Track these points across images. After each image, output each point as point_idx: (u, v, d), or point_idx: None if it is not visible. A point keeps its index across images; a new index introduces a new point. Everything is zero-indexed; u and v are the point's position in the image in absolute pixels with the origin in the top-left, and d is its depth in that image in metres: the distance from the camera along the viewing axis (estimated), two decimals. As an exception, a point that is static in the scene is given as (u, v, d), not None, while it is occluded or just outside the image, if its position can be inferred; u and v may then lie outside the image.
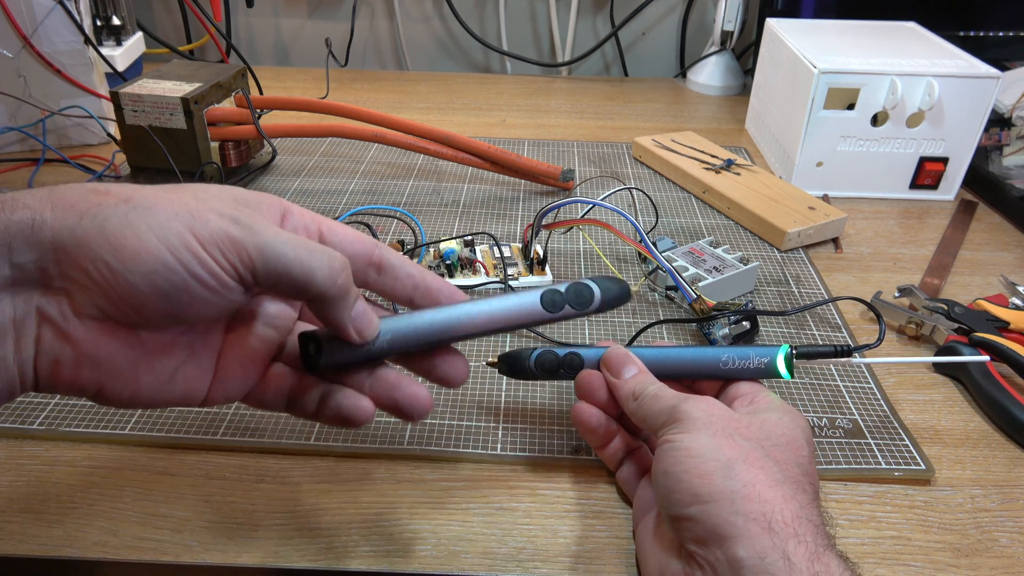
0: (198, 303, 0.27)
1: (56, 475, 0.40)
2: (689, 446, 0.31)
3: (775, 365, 0.37)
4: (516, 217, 0.68)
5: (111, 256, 0.25)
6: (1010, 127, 0.78)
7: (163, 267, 0.26)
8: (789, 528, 0.28)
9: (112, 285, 0.26)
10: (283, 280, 0.28)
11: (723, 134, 0.90)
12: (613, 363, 0.38)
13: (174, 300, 0.26)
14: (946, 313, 0.52)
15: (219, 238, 0.26)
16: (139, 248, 0.25)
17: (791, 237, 0.62)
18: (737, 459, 0.30)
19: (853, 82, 0.69)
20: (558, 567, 0.36)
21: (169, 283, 0.26)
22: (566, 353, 0.39)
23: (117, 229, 0.25)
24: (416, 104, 0.98)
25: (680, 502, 0.30)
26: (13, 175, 0.73)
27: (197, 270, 0.26)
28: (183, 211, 0.26)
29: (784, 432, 0.33)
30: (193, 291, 0.26)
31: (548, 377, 0.39)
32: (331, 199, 0.70)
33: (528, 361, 0.39)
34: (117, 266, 0.25)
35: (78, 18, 0.74)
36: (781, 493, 0.29)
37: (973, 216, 0.71)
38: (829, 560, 0.27)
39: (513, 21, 1.15)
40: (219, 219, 0.27)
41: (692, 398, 0.34)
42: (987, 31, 0.93)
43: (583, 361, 0.39)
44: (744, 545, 0.28)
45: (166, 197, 0.27)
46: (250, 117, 0.69)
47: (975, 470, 0.42)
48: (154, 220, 0.26)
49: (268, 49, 1.19)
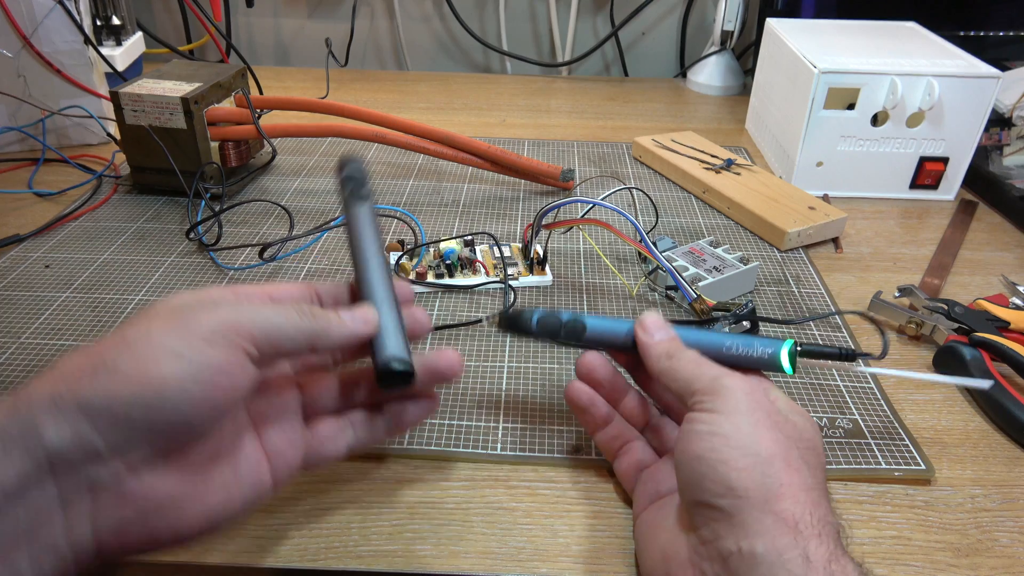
0: (226, 390, 0.28)
1: (56, 475, 0.40)
2: (728, 433, 0.30)
3: (778, 358, 0.37)
4: (516, 217, 0.68)
5: (143, 391, 0.26)
6: (1010, 127, 0.78)
7: (188, 375, 0.27)
8: (813, 530, 0.28)
9: (158, 416, 0.27)
10: (284, 343, 0.30)
11: (723, 134, 0.90)
12: (648, 323, 0.37)
13: (211, 399, 0.28)
14: (946, 313, 0.52)
15: (215, 329, 0.28)
16: (163, 371, 0.27)
17: (791, 237, 0.62)
18: (776, 457, 0.30)
19: (853, 82, 0.69)
20: (558, 567, 0.36)
21: (201, 386, 0.27)
22: (570, 318, 0.38)
23: (131, 365, 0.27)
24: (416, 104, 0.98)
25: (711, 491, 0.29)
26: (13, 175, 0.73)
27: (215, 363, 0.28)
28: (175, 324, 0.28)
29: (809, 437, 0.33)
30: (219, 383, 0.28)
31: (548, 339, 0.39)
32: (331, 199, 0.70)
33: (530, 320, 0.38)
34: (152, 397, 0.26)
35: (78, 18, 0.74)
36: (811, 497, 0.29)
37: (973, 216, 0.71)
38: (846, 563, 0.27)
39: (513, 21, 1.15)
40: (207, 315, 0.29)
41: (735, 374, 0.33)
42: (987, 31, 0.93)
43: (585, 328, 0.38)
44: (765, 541, 0.27)
45: (149, 322, 0.29)
46: (250, 117, 0.69)
47: (975, 470, 0.42)
48: (157, 342, 0.27)
49: (268, 49, 1.19)
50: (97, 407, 0.26)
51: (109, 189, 0.70)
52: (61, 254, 0.59)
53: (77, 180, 0.71)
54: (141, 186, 0.70)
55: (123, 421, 0.26)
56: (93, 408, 0.26)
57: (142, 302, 0.54)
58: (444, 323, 0.52)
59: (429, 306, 0.54)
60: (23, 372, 0.46)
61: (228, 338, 0.28)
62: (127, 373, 0.26)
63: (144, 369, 0.27)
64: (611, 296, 0.56)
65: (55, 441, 0.25)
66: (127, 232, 0.63)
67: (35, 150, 0.77)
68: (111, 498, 0.27)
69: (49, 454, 0.25)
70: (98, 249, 0.60)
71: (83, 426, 0.26)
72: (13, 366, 0.47)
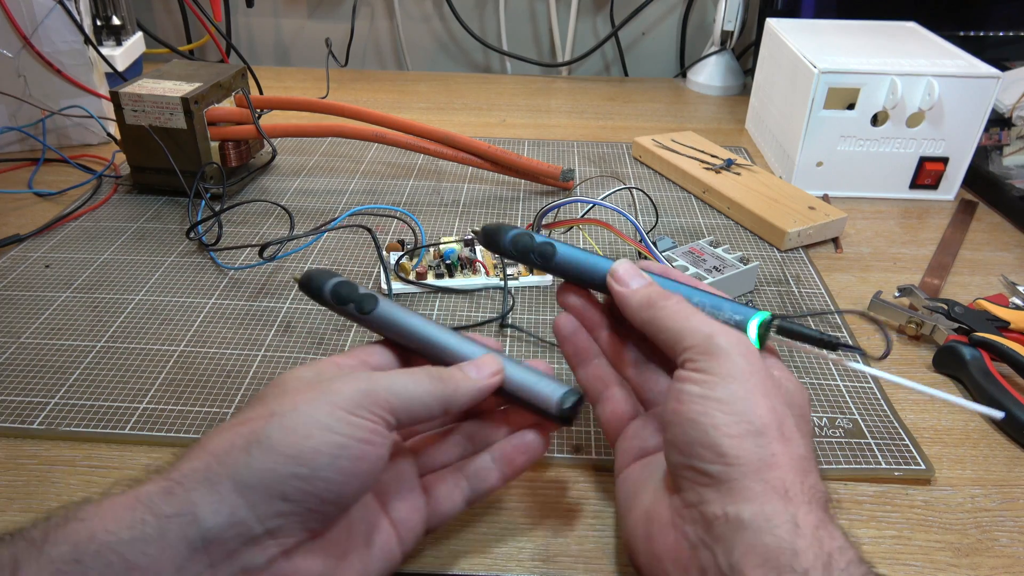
0: (371, 461, 0.28)
1: (56, 475, 0.40)
2: (723, 398, 0.29)
3: (746, 328, 0.34)
4: (516, 217, 0.68)
5: (297, 466, 0.26)
6: (1010, 127, 0.78)
7: (338, 448, 0.27)
8: (803, 496, 0.27)
9: (312, 490, 0.27)
10: (419, 409, 0.30)
11: (723, 134, 0.90)
12: (621, 272, 0.35)
13: (358, 472, 0.28)
14: (946, 313, 0.52)
15: (356, 400, 0.29)
16: (312, 445, 0.27)
17: (791, 237, 0.62)
18: (771, 426, 0.28)
19: (853, 82, 0.69)
20: (558, 567, 0.36)
21: (349, 458, 0.27)
22: (542, 241, 0.38)
23: (284, 440, 0.27)
24: (416, 104, 0.98)
25: (702, 456, 0.28)
26: (13, 175, 0.73)
27: (361, 434, 0.28)
28: (317, 396, 0.28)
29: (800, 403, 0.32)
30: (365, 454, 0.28)
31: (520, 258, 0.38)
32: (331, 199, 0.70)
33: (504, 236, 0.38)
34: (305, 472, 0.26)
35: (78, 18, 0.74)
36: (802, 466, 0.28)
37: (973, 216, 0.71)
38: (834, 530, 0.27)
39: (513, 21, 1.15)
40: (346, 386, 0.29)
41: (729, 331, 0.31)
42: (987, 31, 0.93)
43: (555, 251, 0.37)
44: (753, 507, 0.27)
45: (294, 397, 0.29)
46: (250, 117, 0.69)
47: (975, 470, 0.42)
48: (305, 416, 0.27)
49: (268, 49, 1.19)
50: (253, 484, 0.26)
51: (109, 189, 0.70)
52: (61, 254, 0.59)
53: (77, 180, 0.71)
54: (141, 186, 0.70)
55: (278, 497, 0.26)
56: (248, 485, 0.26)
57: (142, 302, 0.54)
58: (443, 325, 0.52)
59: (429, 306, 0.54)
60: (23, 372, 0.46)
61: (369, 408, 0.29)
62: (280, 448, 0.26)
63: (297, 443, 0.27)
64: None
65: (210, 522, 0.25)
66: (127, 232, 0.63)
67: (35, 150, 0.77)
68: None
69: (204, 536, 0.25)
70: (98, 249, 0.60)
71: (239, 505, 0.25)
72: (13, 366, 0.47)
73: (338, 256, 0.60)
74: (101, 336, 0.50)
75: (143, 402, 0.44)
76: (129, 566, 0.23)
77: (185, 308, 0.53)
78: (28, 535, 0.23)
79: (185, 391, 0.45)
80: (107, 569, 0.23)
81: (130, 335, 0.50)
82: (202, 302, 0.54)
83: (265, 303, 0.54)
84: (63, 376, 0.46)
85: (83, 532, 0.24)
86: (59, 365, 0.47)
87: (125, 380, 0.46)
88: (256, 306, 0.54)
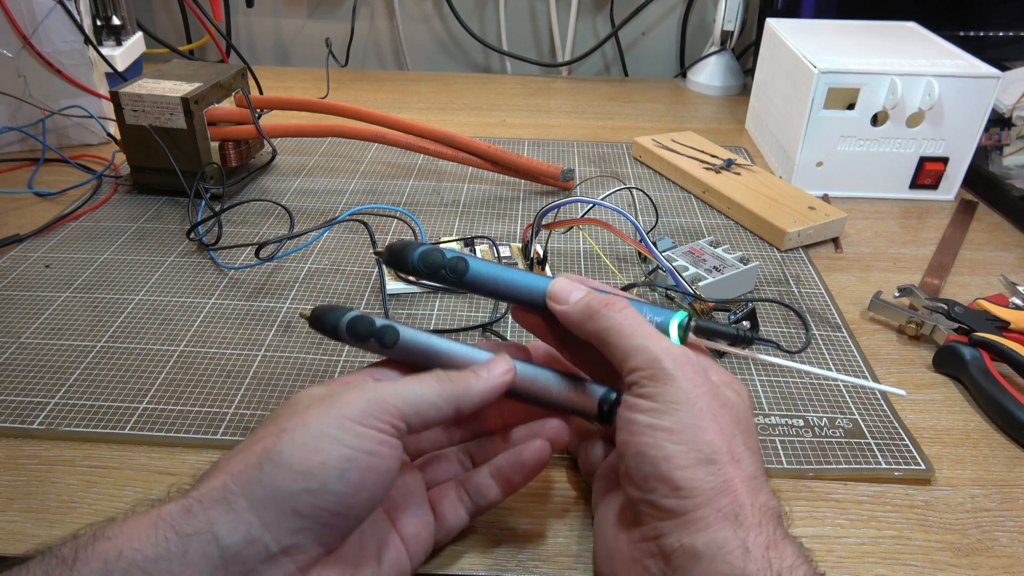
0: (380, 473, 0.29)
1: (56, 475, 0.40)
2: (671, 426, 0.29)
3: (666, 330, 0.35)
4: (516, 217, 0.68)
5: (305, 481, 0.27)
6: (1010, 127, 0.78)
7: (346, 461, 0.27)
8: (754, 519, 0.28)
9: (322, 506, 0.27)
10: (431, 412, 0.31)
11: (723, 134, 0.90)
12: (556, 291, 0.35)
13: (367, 483, 0.28)
14: (946, 313, 0.52)
15: (364, 409, 0.29)
16: (320, 459, 0.27)
17: (791, 237, 0.62)
18: (721, 450, 0.29)
19: (853, 82, 0.69)
20: (558, 567, 0.36)
21: (357, 470, 0.28)
22: (453, 256, 0.36)
23: (294, 455, 0.27)
24: (416, 104, 0.98)
25: (656, 491, 0.29)
26: (13, 175, 0.73)
27: (369, 446, 0.28)
28: (326, 410, 0.29)
29: (745, 415, 0.32)
30: (373, 466, 0.28)
31: (431, 276, 0.36)
32: (331, 199, 0.70)
33: (411, 254, 0.36)
34: (315, 486, 0.27)
35: (78, 18, 0.74)
36: (753, 486, 0.29)
37: (973, 216, 0.71)
38: (784, 548, 0.27)
39: (513, 21, 1.15)
40: (354, 396, 0.29)
41: (672, 350, 0.31)
42: (987, 31, 0.93)
43: (468, 267, 0.36)
44: (705, 536, 0.27)
45: (304, 413, 0.29)
46: (250, 117, 0.69)
47: (975, 470, 0.42)
48: (314, 430, 0.28)
49: (268, 49, 1.19)
50: (265, 501, 0.26)
51: (109, 189, 0.70)
52: (61, 254, 0.59)
53: (77, 180, 0.71)
54: (141, 186, 0.70)
55: (290, 513, 0.26)
56: (262, 502, 0.26)
57: (142, 302, 0.54)
58: (442, 326, 0.52)
59: (427, 307, 0.54)
60: (23, 372, 0.46)
61: (377, 417, 0.29)
62: (291, 464, 0.27)
63: (306, 458, 0.27)
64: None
65: (228, 540, 0.25)
66: (127, 232, 0.63)
67: (35, 150, 0.77)
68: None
69: (224, 555, 0.25)
70: (98, 249, 0.60)
71: (254, 524, 0.26)
72: (13, 366, 0.47)
73: (338, 256, 0.60)
74: (101, 336, 0.50)
75: (143, 402, 0.44)
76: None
77: (185, 308, 0.53)
78: (59, 553, 0.24)
79: (185, 391, 0.45)
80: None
81: (130, 335, 0.50)
82: (202, 302, 0.54)
83: (265, 303, 0.54)
84: (63, 376, 0.46)
85: (111, 551, 0.24)
86: (59, 365, 0.47)
87: (125, 380, 0.46)
88: (256, 306, 0.54)
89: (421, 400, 0.30)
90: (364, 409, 0.29)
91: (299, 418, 0.29)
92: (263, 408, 0.44)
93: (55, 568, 0.24)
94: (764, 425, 0.44)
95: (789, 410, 0.45)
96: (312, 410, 0.29)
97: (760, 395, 0.46)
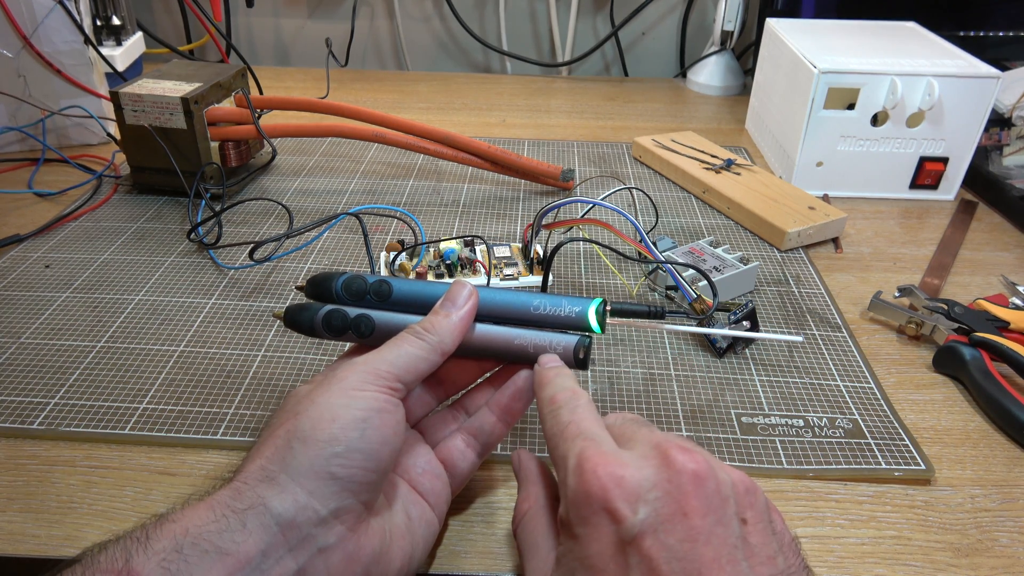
0: (392, 425, 0.31)
1: (56, 475, 0.40)
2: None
3: (586, 316, 0.36)
4: (516, 217, 0.68)
5: (332, 447, 0.29)
6: (1010, 127, 0.78)
7: (362, 421, 0.30)
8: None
9: (352, 464, 0.29)
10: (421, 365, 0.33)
11: (723, 134, 0.90)
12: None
13: (385, 436, 0.31)
14: (946, 313, 0.52)
15: (362, 379, 0.32)
16: (340, 425, 0.30)
17: (791, 237, 0.62)
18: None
19: (853, 82, 0.69)
20: (558, 567, 0.36)
21: (373, 427, 0.30)
22: (376, 280, 0.37)
23: (315, 429, 0.30)
24: (416, 104, 0.98)
25: None
26: (13, 175, 0.73)
27: (376, 404, 0.31)
28: (328, 388, 0.31)
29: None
30: (385, 421, 0.31)
31: (356, 302, 0.37)
32: (331, 199, 0.70)
33: (334, 283, 0.37)
34: (341, 449, 0.29)
35: (78, 18, 0.74)
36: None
37: (973, 216, 0.71)
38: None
39: (513, 21, 1.15)
40: (349, 372, 0.32)
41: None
42: (987, 31, 0.93)
43: (391, 289, 0.37)
44: None
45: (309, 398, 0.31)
46: (250, 117, 0.69)
47: (975, 470, 0.42)
48: (324, 405, 0.30)
49: (268, 49, 1.19)
50: (304, 472, 0.29)
51: (109, 189, 0.70)
52: (61, 254, 0.59)
53: (77, 180, 0.71)
54: (141, 186, 0.70)
55: (328, 478, 0.29)
56: (301, 474, 0.29)
57: (142, 302, 0.54)
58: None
59: (429, 306, 0.54)
60: (23, 372, 0.46)
61: (375, 383, 0.32)
62: (316, 436, 0.29)
63: (327, 428, 0.30)
64: (611, 296, 0.56)
65: (280, 509, 0.28)
66: (127, 232, 0.63)
67: (35, 150, 0.77)
68: (341, 561, 0.29)
69: (279, 522, 0.28)
70: (98, 249, 0.60)
71: (299, 493, 0.28)
72: (13, 366, 0.47)
73: (337, 256, 0.60)
74: (101, 336, 0.50)
75: (143, 402, 0.44)
76: (222, 552, 0.26)
77: (185, 308, 0.53)
78: (131, 535, 0.27)
79: (185, 391, 0.45)
80: (203, 556, 0.26)
81: (130, 335, 0.50)
82: (202, 302, 0.54)
83: (265, 303, 0.54)
84: (63, 376, 0.46)
85: (178, 529, 0.27)
86: (59, 365, 0.47)
87: (125, 380, 0.46)
88: (256, 306, 0.54)
89: (408, 358, 0.33)
90: (361, 379, 0.32)
91: (306, 401, 0.31)
92: (263, 408, 0.44)
93: (132, 546, 0.26)
94: (764, 425, 0.44)
95: (789, 410, 0.45)
96: (315, 392, 0.31)
97: (760, 395, 0.46)
